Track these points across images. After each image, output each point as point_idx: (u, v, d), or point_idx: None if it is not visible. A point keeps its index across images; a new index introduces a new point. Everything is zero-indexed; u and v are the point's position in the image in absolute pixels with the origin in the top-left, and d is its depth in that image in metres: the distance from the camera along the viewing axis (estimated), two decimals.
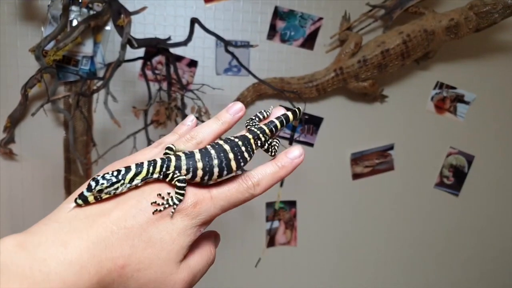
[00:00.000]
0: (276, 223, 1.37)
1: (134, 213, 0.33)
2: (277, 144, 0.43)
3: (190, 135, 0.40)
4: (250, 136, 0.40)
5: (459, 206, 1.48)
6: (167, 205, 0.34)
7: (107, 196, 0.34)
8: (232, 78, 1.26)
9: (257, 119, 0.43)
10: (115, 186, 0.34)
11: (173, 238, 0.34)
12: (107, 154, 1.10)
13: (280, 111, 0.43)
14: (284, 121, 0.42)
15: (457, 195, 1.47)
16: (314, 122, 1.32)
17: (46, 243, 0.30)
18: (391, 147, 1.40)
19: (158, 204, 0.34)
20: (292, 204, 1.37)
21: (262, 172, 0.38)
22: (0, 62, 1.13)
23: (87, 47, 1.17)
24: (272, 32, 1.26)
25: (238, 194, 0.37)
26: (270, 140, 0.42)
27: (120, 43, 0.95)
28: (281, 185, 0.47)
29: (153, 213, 0.34)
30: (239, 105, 0.42)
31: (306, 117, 1.28)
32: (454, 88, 1.39)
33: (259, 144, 0.41)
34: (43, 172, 1.20)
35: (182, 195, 0.35)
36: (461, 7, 1.21)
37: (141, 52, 1.13)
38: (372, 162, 1.39)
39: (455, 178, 1.46)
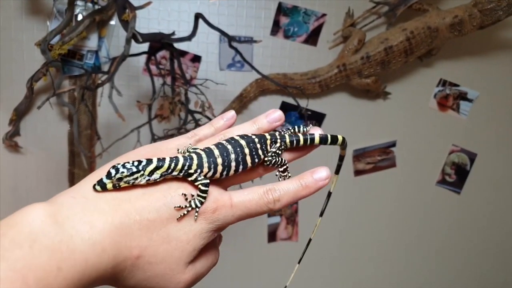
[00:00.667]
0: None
1: (158, 206, 0.34)
2: (286, 173, 0.41)
3: (224, 135, 0.40)
4: (268, 137, 0.40)
5: (461, 204, 1.48)
6: (189, 208, 0.35)
7: (126, 185, 0.34)
8: (235, 74, 1.27)
9: (291, 129, 0.43)
10: (135, 176, 0.34)
11: (189, 238, 0.35)
12: (111, 148, 1.11)
13: (314, 131, 0.43)
14: (309, 141, 0.41)
15: (459, 193, 1.48)
16: (316, 118, 1.33)
17: (74, 218, 0.30)
18: (393, 144, 1.40)
19: (181, 207, 0.35)
20: None
21: (285, 188, 0.38)
22: (6, 56, 1.15)
23: (92, 42, 1.18)
24: (275, 28, 1.27)
25: (257, 207, 0.37)
26: (285, 161, 0.41)
27: (125, 38, 0.96)
28: (337, 172, 0.47)
29: (177, 219, 0.34)
30: (279, 114, 0.41)
31: (309, 113, 1.28)
32: (457, 85, 1.39)
33: (271, 148, 0.40)
34: (48, 165, 1.22)
35: (204, 198, 0.35)
36: (465, 4, 1.21)
37: (145, 46, 1.14)
38: (374, 158, 1.40)
39: (457, 175, 1.46)
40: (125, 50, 0.99)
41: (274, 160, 0.40)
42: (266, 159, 0.40)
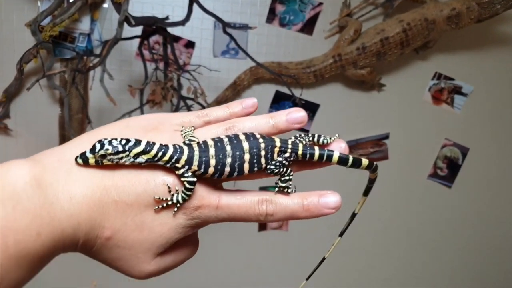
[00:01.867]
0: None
1: (139, 191, 0.33)
2: (287, 184, 0.35)
3: (232, 125, 0.36)
4: (277, 144, 0.35)
5: (452, 198, 1.49)
6: (170, 202, 0.33)
7: (109, 163, 0.32)
8: (229, 61, 1.25)
9: (310, 138, 0.37)
10: (119, 155, 0.32)
11: (162, 231, 0.33)
12: None
13: (335, 146, 0.37)
14: (325, 157, 0.35)
15: (450, 187, 1.48)
16: (310, 109, 1.32)
17: (57, 186, 0.30)
18: (386, 136, 1.40)
19: (162, 200, 0.33)
20: None
21: (283, 203, 0.35)
22: None
23: (84, 24, 1.16)
24: (271, 15, 1.25)
25: (245, 215, 0.34)
26: (290, 173, 0.36)
27: (118, 21, 0.95)
28: (366, 194, 0.45)
29: (155, 210, 0.33)
30: (301, 115, 0.36)
31: (303, 102, 1.28)
32: (452, 79, 1.39)
33: (279, 157, 0.35)
34: (38, 148, 1.19)
35: (189, 196, 0.33)
36: None
37: (138, 30, 1.12)
38: (367, 150, 1.40)
39: (448, 169, 1.47)
40: (117, 33, 0.98)
41: (278, 170, 0.35)
42: (269, 167, 0.35)
